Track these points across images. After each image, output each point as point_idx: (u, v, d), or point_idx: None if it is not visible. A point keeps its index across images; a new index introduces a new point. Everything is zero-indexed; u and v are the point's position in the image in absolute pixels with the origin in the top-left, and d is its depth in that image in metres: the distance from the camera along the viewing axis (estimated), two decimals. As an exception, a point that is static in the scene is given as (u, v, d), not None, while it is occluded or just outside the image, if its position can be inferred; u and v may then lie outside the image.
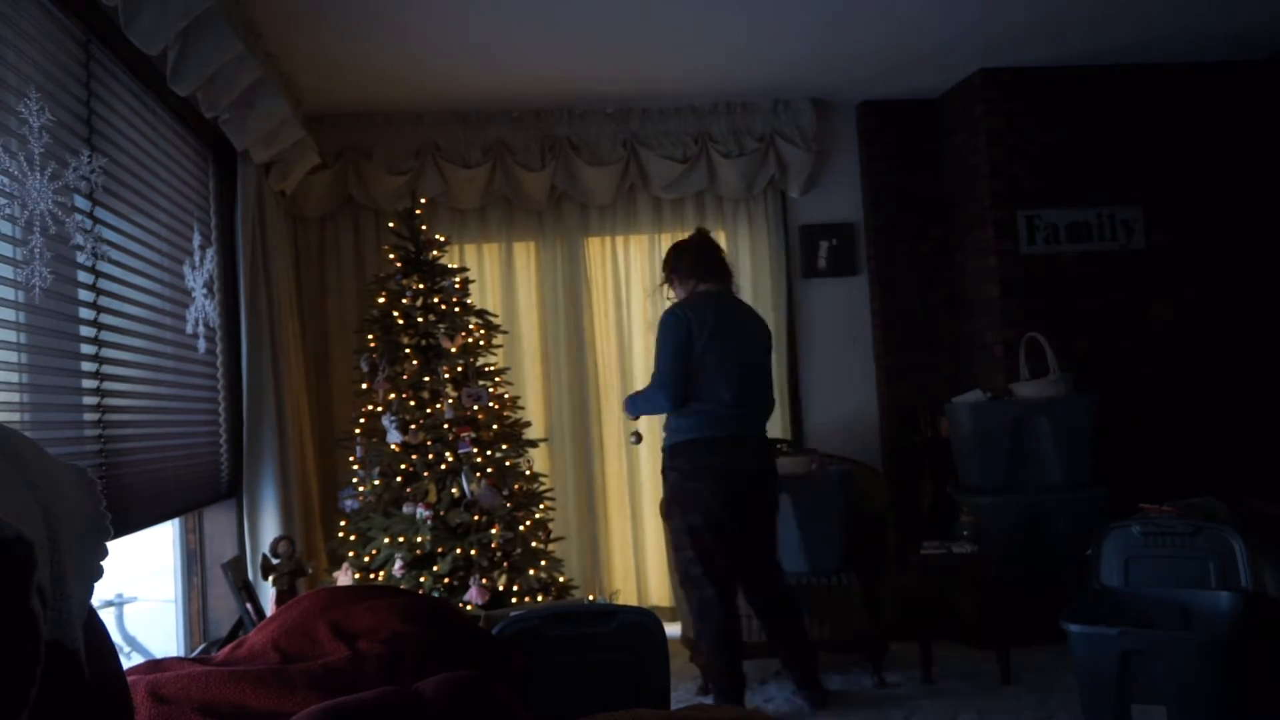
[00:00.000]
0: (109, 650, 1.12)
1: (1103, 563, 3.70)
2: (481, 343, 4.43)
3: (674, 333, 3.71)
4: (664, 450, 3.80)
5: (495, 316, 4.60)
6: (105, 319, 2.77)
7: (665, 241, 5.35)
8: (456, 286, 4.41)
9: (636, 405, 3.92)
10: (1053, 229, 5.00)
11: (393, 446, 4.18)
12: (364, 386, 4.40)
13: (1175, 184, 5.08)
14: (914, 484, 5.09)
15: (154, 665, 2.15)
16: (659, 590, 5.22)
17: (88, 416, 2.64)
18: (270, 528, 3.96)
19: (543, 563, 4.23)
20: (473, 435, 4.17)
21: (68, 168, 2.53)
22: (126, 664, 1.62)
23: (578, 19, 4.07)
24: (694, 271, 3.88)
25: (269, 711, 1.87)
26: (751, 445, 3.78)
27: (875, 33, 4.41)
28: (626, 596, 5.14)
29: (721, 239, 5.40)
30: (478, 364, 4.38)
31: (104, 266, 2.78)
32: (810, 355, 5.40)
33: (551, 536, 4.43)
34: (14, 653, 0.84)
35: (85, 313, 2.65)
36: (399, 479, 4.17)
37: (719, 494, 3.65)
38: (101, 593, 3.65)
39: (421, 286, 4.37)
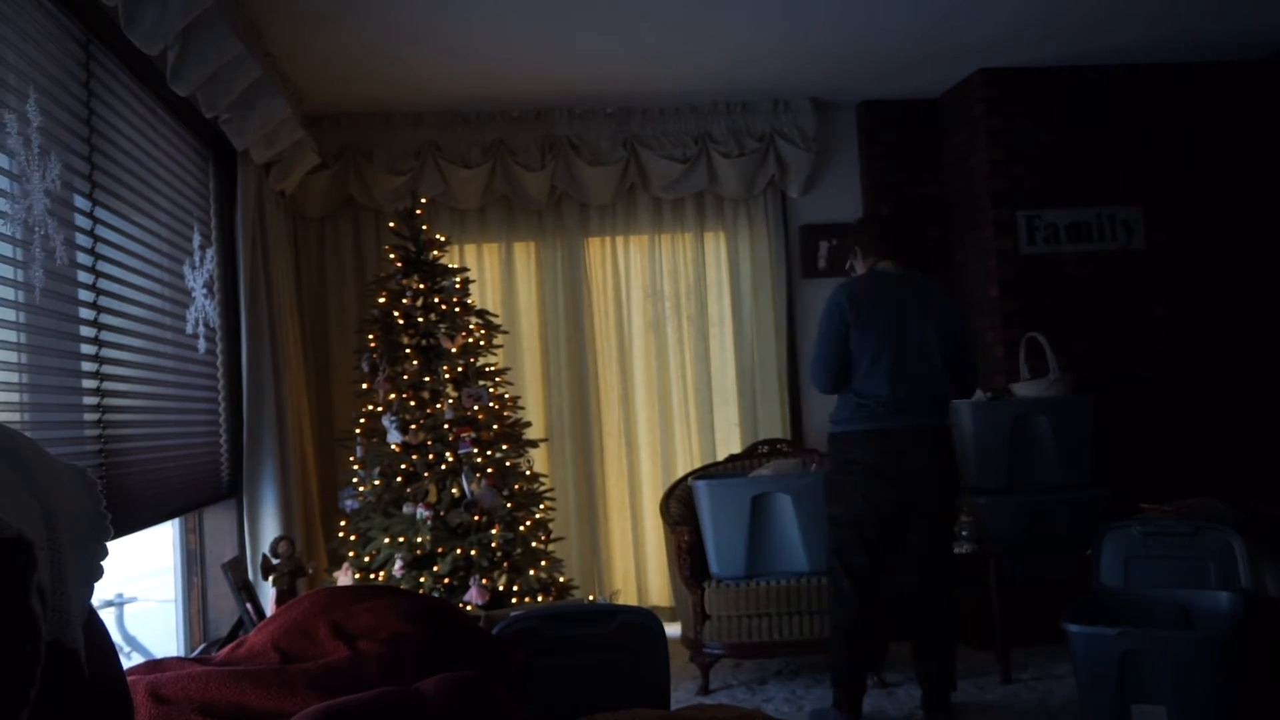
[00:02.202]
0: (109, 650, 1.12)
1: (1103, 563, 3.70)
2: (481, 343, 4.43)
3: (826, 317, 3.54)
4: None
5: (495, 316, 4.60)
6: (105, 319, 2.77)
7: (665, 242, 5.37)
8: (457, 286, 4.41)
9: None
10: (1053, 229, 5.00)
11: (393, 446, 4.18)
12: (364, 386, 4.40)
13: (1175, 184, 5.08)
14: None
15: (154, 665, 2.14)
16: (659, 590, 5.21)
17: (88, 416, 2.64)
18: (270, 528, 3.96)
19: (543, 563, 4.23)
20: (473, 435, 4.17)
21: (67, 168, 2.52)
22: (126, 664, 1.62)
23: (577, 19, 4.07)
24: (875, 248, 3.63)
25: (269, 711, 1.87)
26: (907, 439, 3.44)
27: (875, 33, 4.41)
28: (626, 596, 5.14)
29: (721, 239, 5.41)
30: (478, 364, 4.38)
31: (104, 267, 2.78)
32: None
33: (551, 536, 4.43)
34: (14, 652, 0.83)
35: (85, 313, 2.65)
36: (399, 479, 4.17)
37: (864, 489, 3.45)
38: (101, 593, 3.65)
39: (422, 286, 4.37)
